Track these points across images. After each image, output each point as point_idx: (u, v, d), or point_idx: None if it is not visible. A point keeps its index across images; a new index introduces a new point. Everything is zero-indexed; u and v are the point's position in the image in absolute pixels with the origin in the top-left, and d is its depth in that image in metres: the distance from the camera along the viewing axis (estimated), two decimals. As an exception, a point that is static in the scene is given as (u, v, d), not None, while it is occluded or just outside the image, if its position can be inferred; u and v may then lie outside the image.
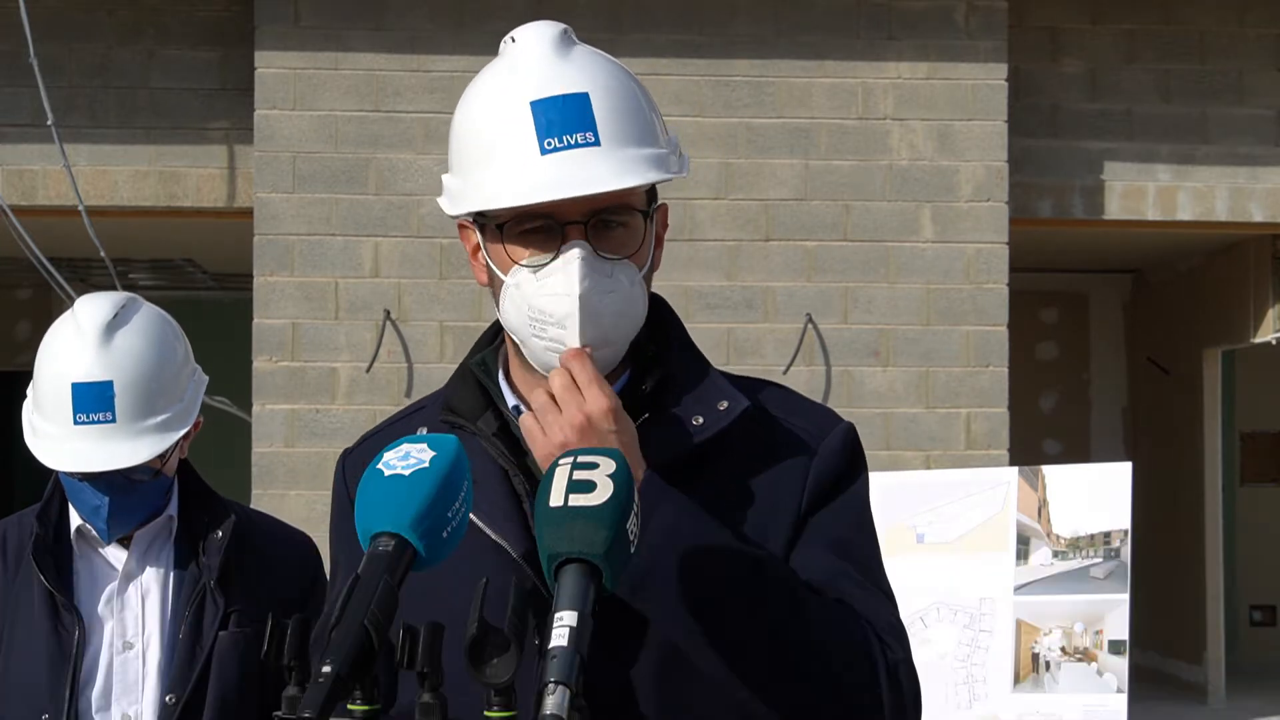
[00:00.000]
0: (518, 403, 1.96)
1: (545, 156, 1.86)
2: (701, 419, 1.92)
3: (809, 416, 1.99)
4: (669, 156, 1.93)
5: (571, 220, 1.87)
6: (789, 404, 2.01)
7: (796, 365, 8.28)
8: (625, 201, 1.90)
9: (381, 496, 1.64)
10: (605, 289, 1.87)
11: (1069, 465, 5.73)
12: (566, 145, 1.86)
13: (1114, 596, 5.18)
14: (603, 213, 1.88)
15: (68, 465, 2.92)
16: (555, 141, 1.87)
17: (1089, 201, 8.90)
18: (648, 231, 1.94)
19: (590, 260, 1.86)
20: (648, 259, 1.94)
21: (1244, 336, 10.22)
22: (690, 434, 1.91)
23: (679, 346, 2.00)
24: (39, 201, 8.41)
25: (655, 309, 2.01)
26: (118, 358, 2.94)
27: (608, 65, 1.94)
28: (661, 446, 1.89)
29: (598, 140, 1.86)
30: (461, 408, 1.97)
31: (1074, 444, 12.90)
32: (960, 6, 8.47)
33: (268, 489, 8.14)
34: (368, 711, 1.54)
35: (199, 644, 2.95)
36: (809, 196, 8.38)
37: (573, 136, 1.87)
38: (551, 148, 1.87)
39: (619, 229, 1.90)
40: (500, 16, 7.82)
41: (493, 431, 1.94)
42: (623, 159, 1.87)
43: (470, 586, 1.58)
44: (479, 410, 1.97)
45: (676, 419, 1.92)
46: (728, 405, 1.93)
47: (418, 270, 8.23)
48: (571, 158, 1.86)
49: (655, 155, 1.90)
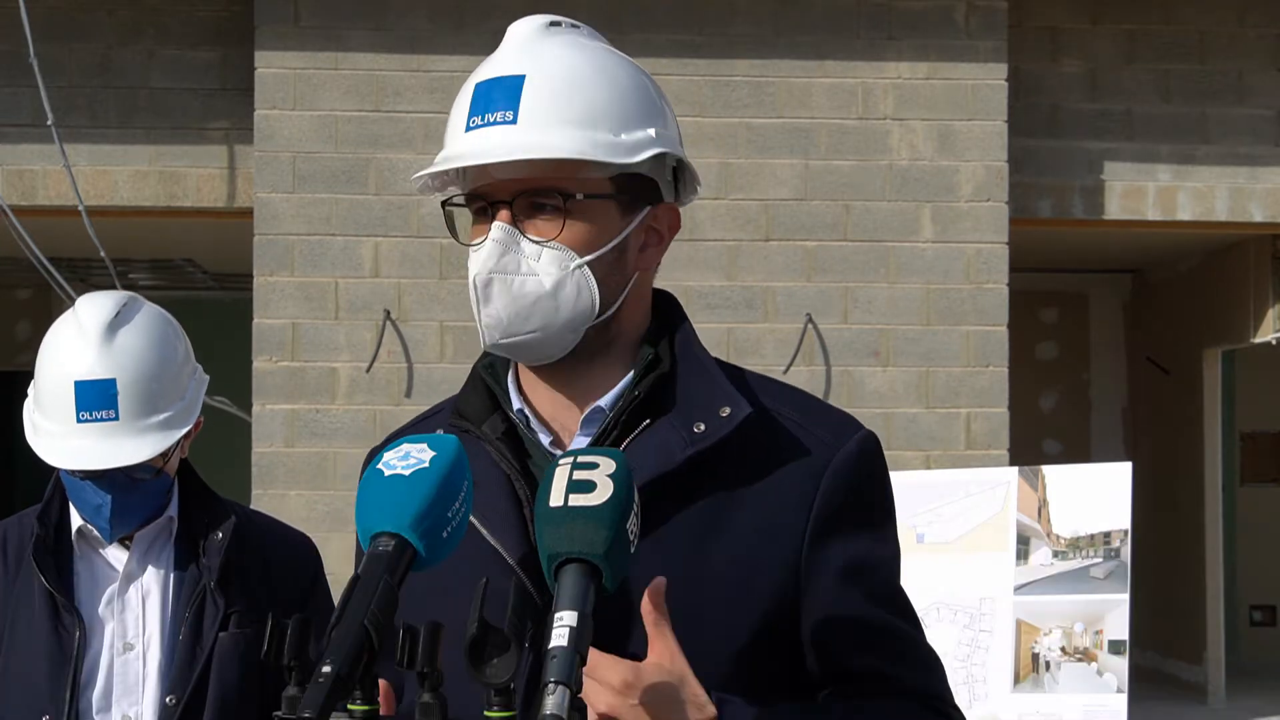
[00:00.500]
0: (522, 406, 1.95)
1: (466, 134, 1.88)
2: (703, 425, 1.87)
3: (827, 423, 1.93)
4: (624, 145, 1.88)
5: (499, 199, 1.87)
6: (807, 409, 1.95)
7: (796, 365, 8.28)
8: (553, 184, 1.86)
9: (381, 496, 1.64)
10: (512, 271, 1.86)
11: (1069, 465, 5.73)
12: (486, 123, 1.87)
13: (1114, 596, 5.18)
14: (529, 193, 1.87)
15: (70, 463, 2.92)
16: (478, 120, 1.88)
17: (1089, 201, 8.90)
18: (602, 220, 1.89)
19: (504, 242, 1.86)
20: (598, 249, 1.88)
21: (1244, 336, 10.22)
22: (690, 442, 1.86)
23: (683, 346, 1.96)
24: (39, 201, 8.41)
25: (661, 307, 1.99)
26: (120, 356, 2.94)
27: (580, 52, 1.91)
28: (660, 455, 1.86)
29: (515, 119, 1.85)
30: (469, 411, 1.97)
31: (1074, 444, 12.89)
32: (960, 6, 8.47)
33: (268, 489, 8.14)
34: (368, 711, 1.54)
35: (199, 645, 2.95)
36: (809, 196, 8.38)
37: (493, 114, 1.87)
38: (474, 125, 1.88)
39: (550, 211, 1.87)
40: (500, 16, 7.78)
41: (498, 435, 1.93)
42: (540, 136, 1.84)
43: (469, 589, 1.58)
44: (485, 414, 1.95)
45: (676, 426, 1.88)
46: (730, 412, 1.88)
47: (418, 270, 8.23)
48: (486, 133, 1.86)
49: (589, 137, 1.86)
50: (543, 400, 1.95)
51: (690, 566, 1.84)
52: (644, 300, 1.98)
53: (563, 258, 1.87)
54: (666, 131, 1.95)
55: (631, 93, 1.92)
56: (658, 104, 1.96)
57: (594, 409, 1.92)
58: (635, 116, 1.91)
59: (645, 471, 1.83)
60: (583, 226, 1.88)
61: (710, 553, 1.85)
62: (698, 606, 1.83)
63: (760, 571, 1.86)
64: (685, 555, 1.84)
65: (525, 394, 1.96)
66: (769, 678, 1.87)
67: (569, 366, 1.92)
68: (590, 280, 1.88)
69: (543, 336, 1.88)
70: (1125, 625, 5.14)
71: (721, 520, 1.85)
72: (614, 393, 1.92)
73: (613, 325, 1.93)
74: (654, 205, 1.94)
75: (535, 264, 1.86)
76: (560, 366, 1.92)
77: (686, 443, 1.86)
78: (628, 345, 1.95)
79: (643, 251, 1.94)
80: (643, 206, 1.93)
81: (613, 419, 1.90)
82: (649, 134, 1.91)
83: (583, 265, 1.87)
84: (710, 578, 1.84)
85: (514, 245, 1.86)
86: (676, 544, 1.84)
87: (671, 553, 1.84)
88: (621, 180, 1.90)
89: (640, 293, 1.96)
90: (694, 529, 1.85)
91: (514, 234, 1.86)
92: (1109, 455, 11.85)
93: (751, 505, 1.87)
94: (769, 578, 1.86)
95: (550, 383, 1.94)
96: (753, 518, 1.86)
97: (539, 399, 1.95)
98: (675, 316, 2.00)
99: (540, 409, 1.95)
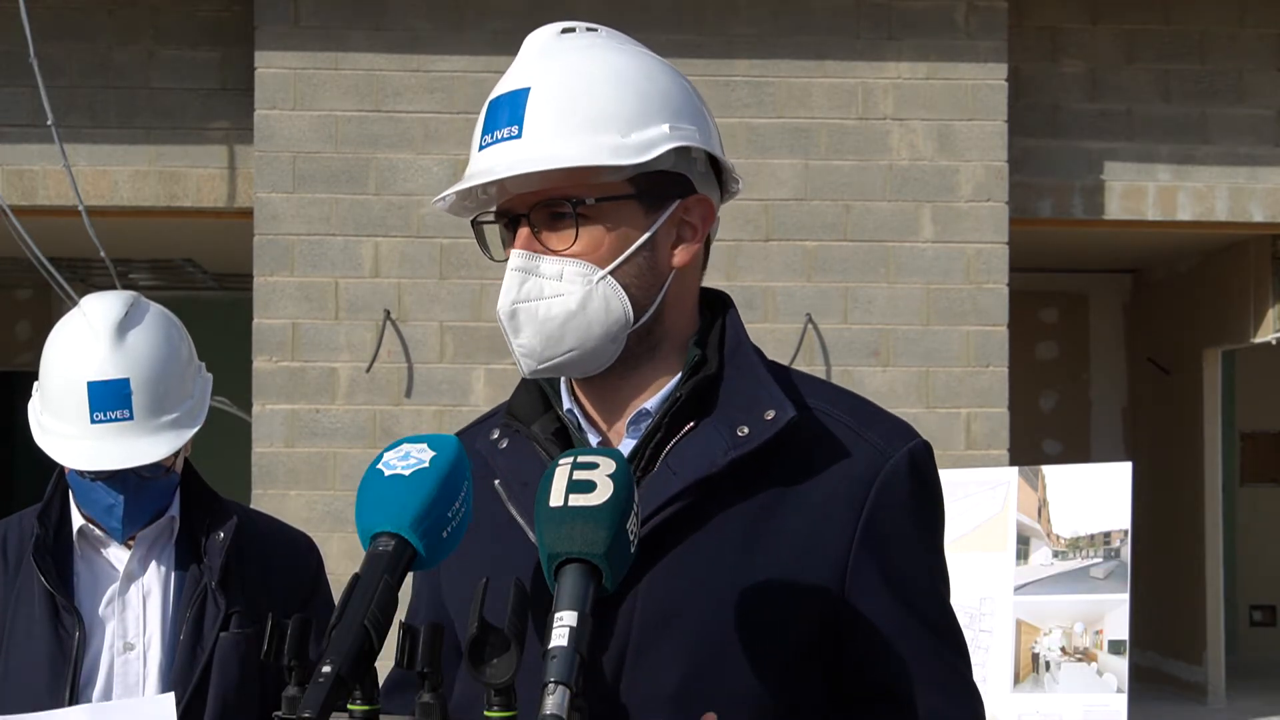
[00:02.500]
0: (571, 406, 1.94)
1: (480, 152, 1.89)
2: (747, 429, 1.84)
3: (879, 428, 1.89)
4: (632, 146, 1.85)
5: (518, 213, 1.87)
6: (859, 413, 1.91)
7: (796, 365, 8.26)
8: (564, 192, 1.85)
9: (381, 496, 1.64)
10: (535, 297, 1.85)
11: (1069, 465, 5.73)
12: (495, 140, 1.87)
13: (1114, 596, 5.18)
14: (543, 204, 1.86)
15: (87, 464, 2.91)
16: (488, 138, 1.88)
17: (1089, 201, 8.90)
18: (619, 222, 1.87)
19: (523, 269, 1.85)
20: (622, 253, 1.87)
21: (1244, 336, 10.21)
22: (733, 445, 1.83)
23: (731, 347, 1.92)
24: (39, 201, 8.41)
25: (709, 308, 1.97)
26: (132, 355, 2.94)
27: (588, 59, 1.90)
28: (702, 458, 1.83)
29: (520, 134, 1.85)
30: (521, 411, 1.95)
31: (1074, 444, 12.89)
32: (960, 6, 8.46)
33: (268, 489, 8.14)
34: (368, 711, 1.54)
35: (200, 645, 2.95)
36: (809, 196, 8.38)
37: (501, 131, 1.87)
38: (485, 144, 1.88)
39: (566, 219, 1.85)
40: (500, 16, 7.82)
41: (548, 435, 1.91)
42: (543, 148, 1.84)
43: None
44: (537, 413, 1.94)
45: (720, 429, 1.85)
46: (774, 415, 1.84)
47: (418, 270, 8.23)
48: (493, 151, 1.87)
49: (594, 142, 1.84)
50: (593, 401, 1.94)
51: (734, 572, 1.81)
52: (687, 300, 1.95)
53: (585, 272, 1.85)
54: (688, 126, 1.92)
55: (642, 91, 1.89)
56: (679, 99, 1.94)
57: (640, 411, 1.90)
58: (646, 114, 1.88)
59: (688, 474, 1.82)
60: (602, 231, 1.86)
61: (754, 558, 1.82)
62: (741, 614, 1.80)
63: (805, 579, 1.82)
64: (729, 561, 1.81)
65: (577, 394, 1.95)
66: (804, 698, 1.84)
67: (616, 372, 1.90)
68: (617, 289, 1.86)
69: (580, 354, 1.87)
70: (1125, 625, 5.13)
71: (766, 525, 1.83)
72: (660, 395, 1.90)
73: (656, 328, 1.90)
74: (683, 199, 1.91)
75: (559, 284, 1.85)
76: (608, 372, 1.90)
77: (730, 446, 1.83)
78: (675, 346, 1.92)
79: (676, 248, 1.91)
80: (669, 202, 1.90)
81: (657, 421, 1.87)
82: (662, 130, 1.88)
83: (605, 276, 1.86)
84: (754, 585, 1.81)
85: (534, 270, 1.85)
86: (720, 549, 1.82)
87: (715, 558, 1.81)
88: (641, 180, 1.88)
89: (681, 292, 1.93)
90: (737, 534, 1.82)
91: (532, 259, 1.85)
92: (1109, 455, 11.85)
93: (797, 511, 1.83)
94: (814, 586, 1.83)
95: (599, 386, 1.92)
96: (799, 523, 1.83)
97: (589, 400, 1.94)
98: (720, 313, 1.96)
99: (590, 410, 1.94)
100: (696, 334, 1.93)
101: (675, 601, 1.79)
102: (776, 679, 1.81)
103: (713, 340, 1.93)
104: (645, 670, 1.79)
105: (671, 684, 1.79)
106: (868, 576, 1.83)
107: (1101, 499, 5.29)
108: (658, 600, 1.78)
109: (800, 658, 1.83)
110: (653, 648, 1.79)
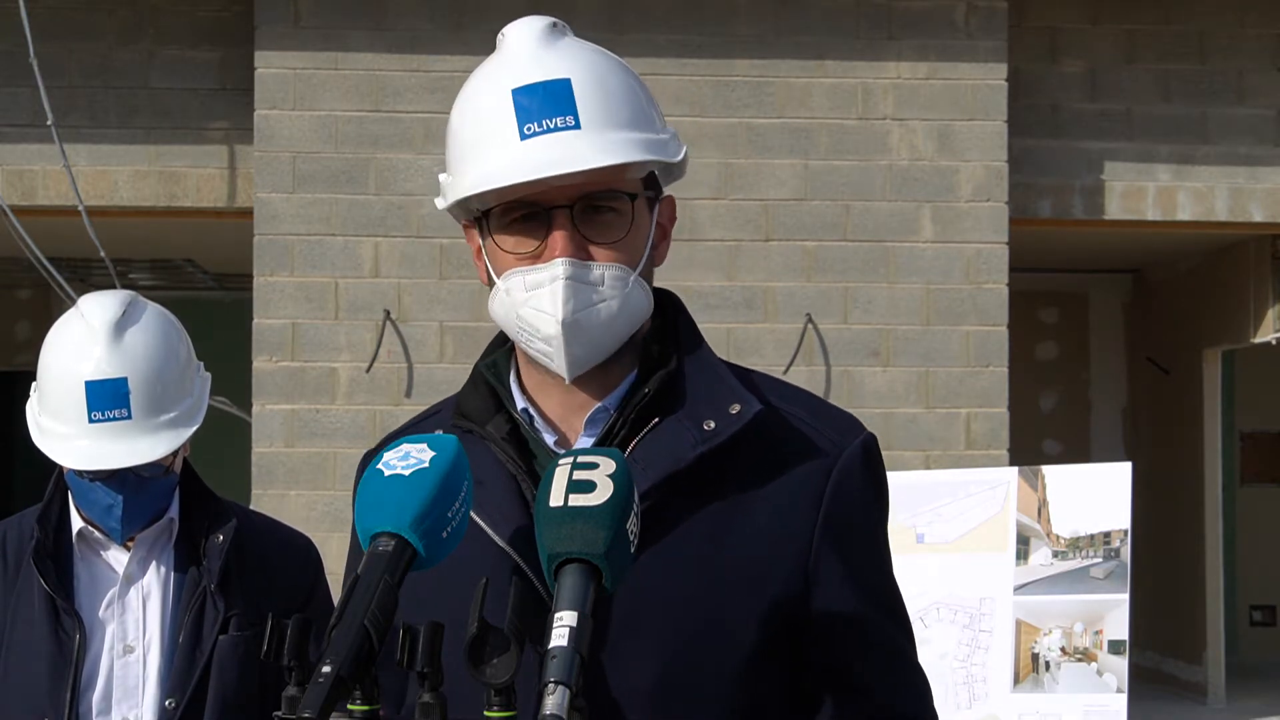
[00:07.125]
0: (526, 405, 1.92)
1: (525, 141, 1.82)
2: (713, 423, 1.85)
3: (833, 423, 1.92)
4: (667, 142, 1.89)
5: (557, 205, 1.82)
6: (813, 408, 1.93)
7: (796, 365, 8.28)
8: (612, 185, 1.84)
9: (381, 497, 1.64)
10: (590, 303, 1.82)
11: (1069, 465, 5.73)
12: (546, 129, 1.82)
13: (1114, 596, 5.18)
14: (590, 197, 1.83)
15: (86, 464, 2.90)
16: (535, 126, 1.82)
17: (1089, 201, 8.90)
18: (642, 220, 1.88)
19: (576, 278, 1.81)
20: (643, 250, 1.88)
21: (1244, 336, 10.22)
22: (700, 440, 1.84)
23: (688, 344, 1.93)
24: (39, 201, 8.41)
25: (664, 305, 1.97)
26: (130, 354, 2.94)
27: (596, 54, 1.90)
28: (670, 454, 1.83)
29: (578, 124, 1.82)
30: (472, 411, 1.94)
31: (1074, 444, 12.89)
32: (960, 6, 8.47)
33: (268, 489, 8.14)
34: (368, 711, 1.54)
35: (199, 647, 2.94)
36: (809, 196, 8.38)
37: (552, 120, 1.82)
38: (531, 132, 1.82)
39: (608, 214, 1.84)
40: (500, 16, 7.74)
41: (502, 435, 1.90)
42: (607, 140, 1.82)
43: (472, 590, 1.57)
44: (489, 414, 1.93)
45: (686, 424, 1.85)
46: (740, 409, 1.86)
47: (418, 270, 8.23)
48: (551, 140, 1.81)
49: (644, 139, 1.85)
50: (548, 400, 1.92)
51: (701, 566, 1.82)
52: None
53: (623, 275, 1.85)
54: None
55: (647, 91, 1.93)
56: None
57: (598, 409, 1.90)
58: (659, 113, 1.92)
59: (655, 470, 1.82)
60: (625, 225, 1.86)
61: (722, 551, 1.83)
62: (710, 607, 1.81)
63: (772, 570, 1.84)
64: (697, 554, 1.82)
65: (529, 394, 1.94)
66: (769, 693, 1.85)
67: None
68: (645, 288, 1.88)
69: (606, 356, 1.87)
70: (1125, 625, 5.14)
71: (732, 519, 1.84)
72: (618, 392, 1.90)
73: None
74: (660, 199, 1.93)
75: (603, 289, 1.83)
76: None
77: (697, 440, 1.84)
78: (633, 344, 1.92)
79: (656, 247, 1.93)
80: (657, 201, 1.92)
81: (620, 418, 1.87)
82: (672, 130, 1.93)
83: (636, 276, 1.86)
84: (722, 578, 1.82)
85: (583, 277, 1.82)
86: (688, 543, 1.82)
87: (683, 552, 1.82)
88: (649, 178, 1.90)
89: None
90: (705, 527, 1.83)
91: (581, 267, 1.82)
92: (1109, 455, 11.85)
93: (762, 504, 1.85)
94: (780, 576, 1.84)
95: (558, 385, 1.90)
96: (764, 516, 1.85)
97: (545, 399, 1.92)
98: (674, 310, 1.98)
99: (546, 409, 1.92)
100: (653, 330, 1.93)
101: (646, 598, 1.79)
102: (745, 672, 1.82)
103: (669, 337, 1.93)
104: (620, 667, 1.79)
105: (648, 680, 1.80)
106: (830, 566, 1.85)
107: (1101, 499, 5.29)
108: (628, 598, 1.78)
109: (767, 650, 1.84)
110: (627, 645, 1.79)
